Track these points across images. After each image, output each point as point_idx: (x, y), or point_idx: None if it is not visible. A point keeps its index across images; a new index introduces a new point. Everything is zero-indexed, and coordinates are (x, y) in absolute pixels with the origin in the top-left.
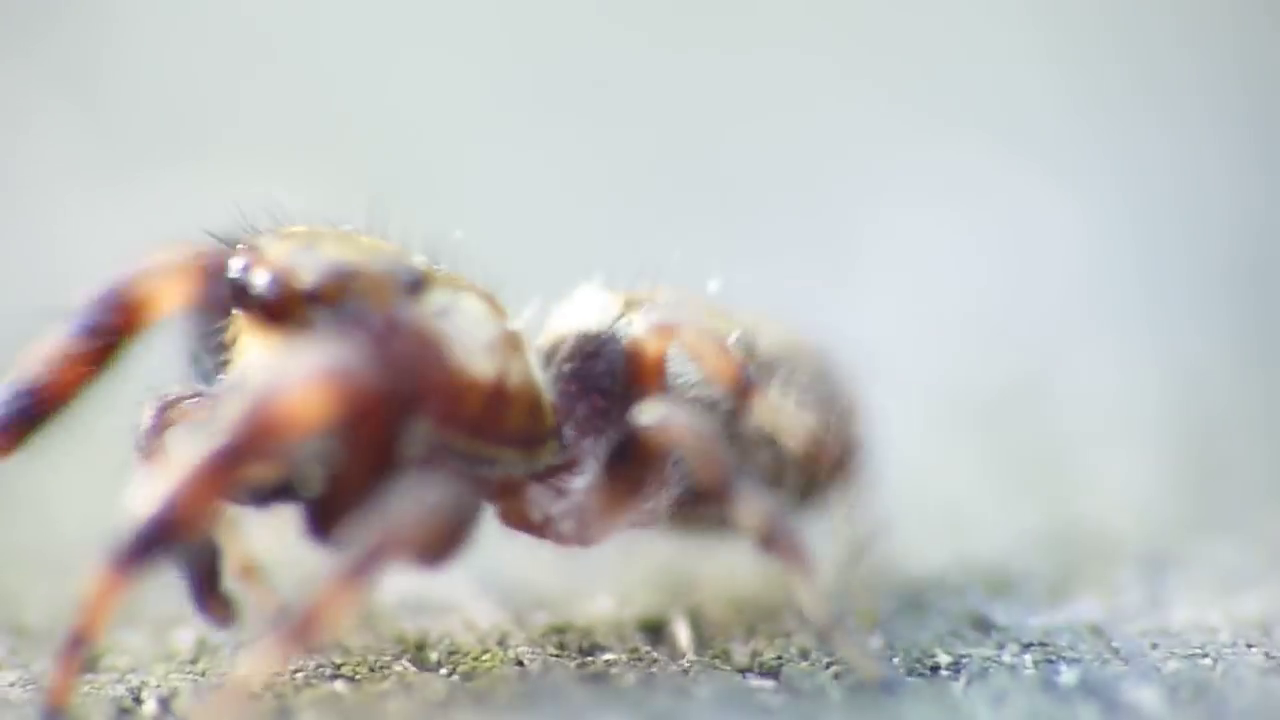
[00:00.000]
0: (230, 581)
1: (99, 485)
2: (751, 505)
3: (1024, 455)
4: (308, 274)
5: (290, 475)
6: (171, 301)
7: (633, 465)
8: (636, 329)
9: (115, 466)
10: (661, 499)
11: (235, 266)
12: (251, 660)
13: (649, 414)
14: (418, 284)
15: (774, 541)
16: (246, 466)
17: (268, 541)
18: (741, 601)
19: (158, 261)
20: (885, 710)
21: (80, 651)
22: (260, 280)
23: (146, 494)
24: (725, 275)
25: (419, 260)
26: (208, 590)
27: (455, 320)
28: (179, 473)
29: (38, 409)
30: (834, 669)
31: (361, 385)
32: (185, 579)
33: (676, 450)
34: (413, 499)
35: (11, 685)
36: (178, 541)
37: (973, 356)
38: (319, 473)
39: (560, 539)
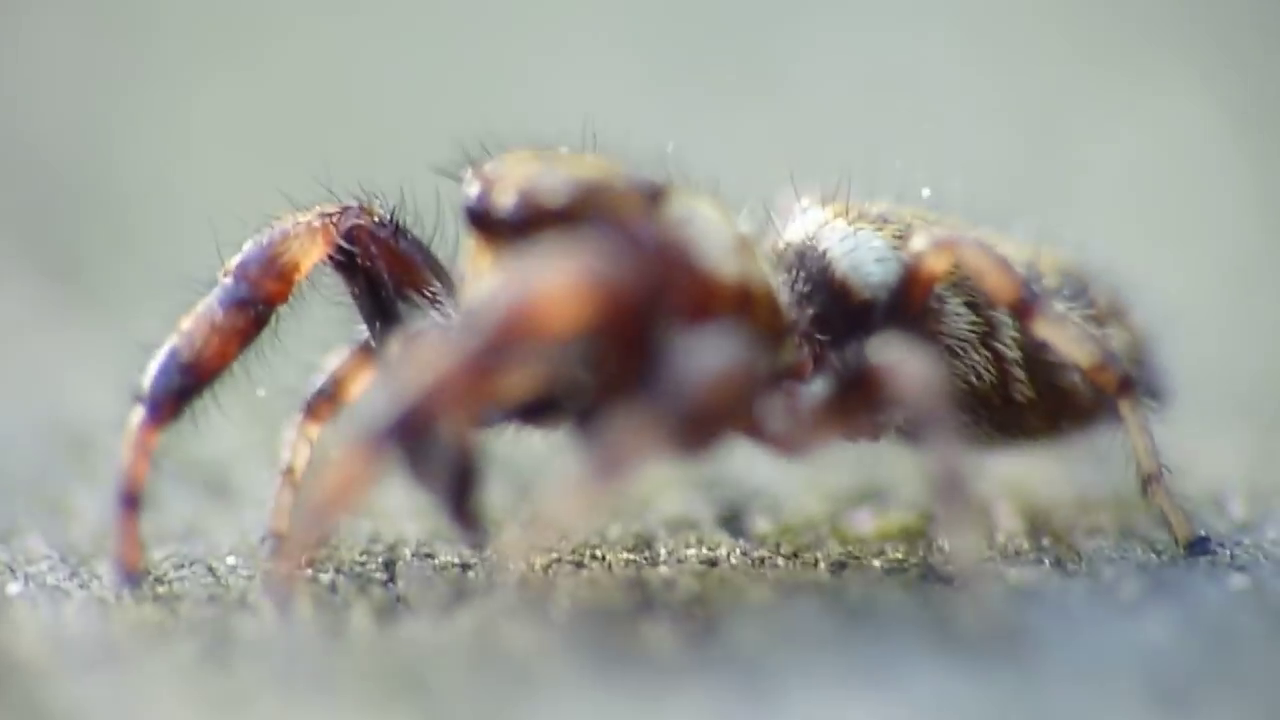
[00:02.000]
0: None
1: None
2: (943, 456)
3: None
4: (555, 191)
5: (548, 389)
6: (313, 263)
7: (859, 391)
8: (916, 245)
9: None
10: (878, 424)
11: (471, 192)
12: (559, 498)
13: (886, 352)
14: (658, 194)
15: (947, 495)
16: (498, 364)
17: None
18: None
19: (293, 225)
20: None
21: (319, 529)
22: (505, 202)
23: (400, 381)
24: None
25: (654, 172)
26: (463, 503)
27: (696, 226)
28: (435, 364)
29: (196, 381)
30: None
31: (614, 286)
32: (441, 489)
33: (900, 390)
34: (698, 356)
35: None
36: (426, 431)
37: None
38: (581, 379)
39: (779, 445)
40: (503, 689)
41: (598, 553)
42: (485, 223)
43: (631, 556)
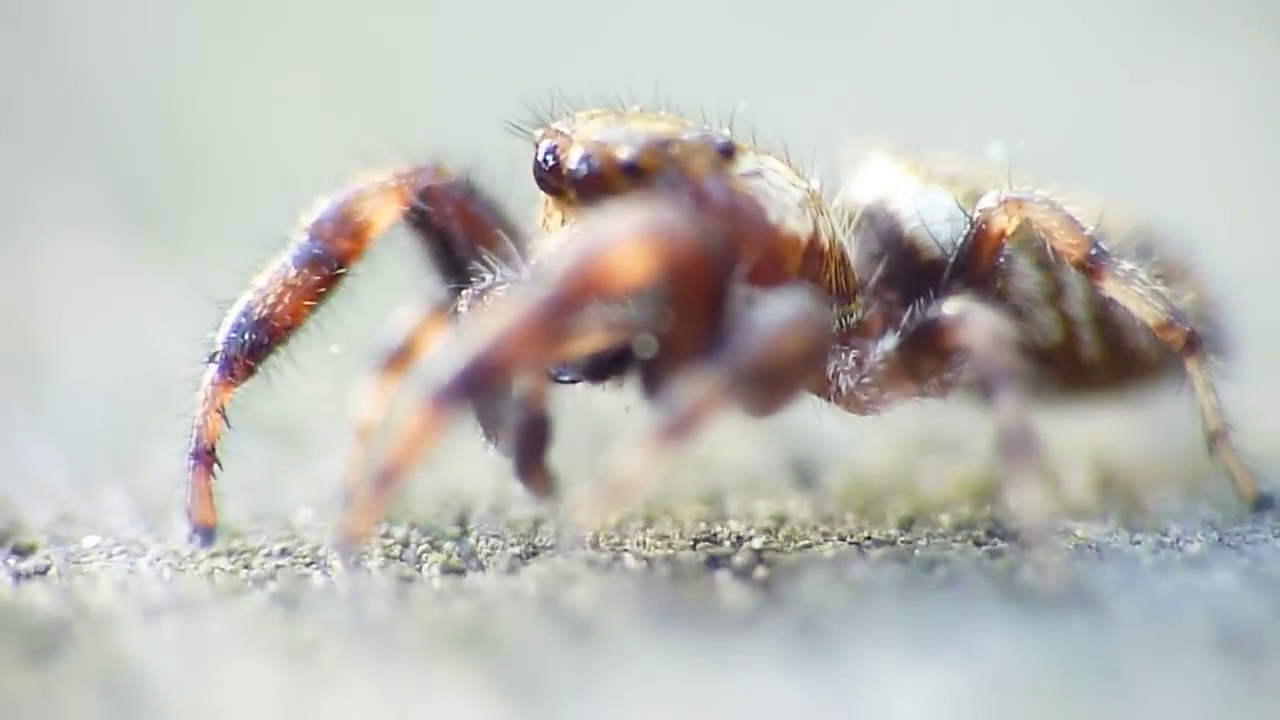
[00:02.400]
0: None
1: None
2: (1009, 411)
3: None
4: (627, 148)
5: (621, 343)
6: (388, 222)
7: (927, 349)
8: (985, 204)
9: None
10: (946, 382)
11: (543, 149)
12: (629, 457)
13: (953, 306)
14: (729, 150)
15: (1013, 449)
16: (568, 318)
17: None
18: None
19: (369, 184)
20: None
21: (390, 486)
22: (576, 158)
23: (471, 338)
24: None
25: (724, 129)
26: (532, 460)
27: (766, 181)
28: (504, 319)
29: (270, 338)
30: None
31: (685, 241)
32: (512, 446)
33: (969, 345)
34: (770, 313)
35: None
36: (497, 387)
37: None
38: (652, 333)
39: (848, 403)
40: (572, 645)
41: (667, 507)
42: (557, 181)
43: (702, 510)
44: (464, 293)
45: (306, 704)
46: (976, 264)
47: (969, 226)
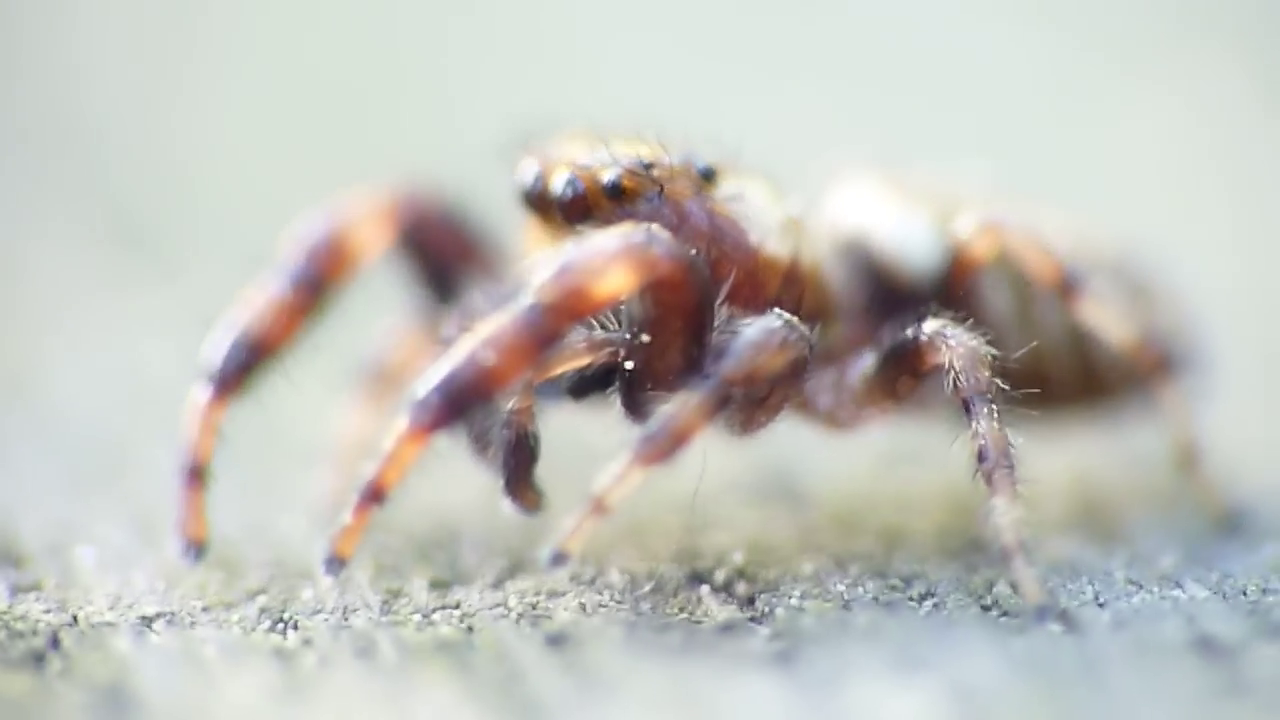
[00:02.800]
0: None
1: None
2: (985, 427)
3: None
4: (610, 170)
5: (603, 363)
6: (377, 245)
7: (905, 367)
8: (961, 228)
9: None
10: (924, 400)
11: (527, 172)
12: (609, 479)
13: (931, 325)
14: (710, 173)
15: (990, 466)
16: (552, 335)
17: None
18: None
19: (359, 207)
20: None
21: (375, 503)
22: (560, 181)
23: (455, 358)
24: None
25: (706, 151)
26: (520, 478)
27: (747, 204)
28: (486, 337)
29: (260, 358)
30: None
31: (666, 261)
32: (500, 464)
33: (947, 365)
34: (751, 331)
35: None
36: (482, 404)
37: None
38: (633, 353)
39: (828, 421)
40: (555, 658)
41: (648, 518)
42: (541, 203)
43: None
44: (450, 313)
45: (296, 716)
46: (953, 285)
47: (946, 248)
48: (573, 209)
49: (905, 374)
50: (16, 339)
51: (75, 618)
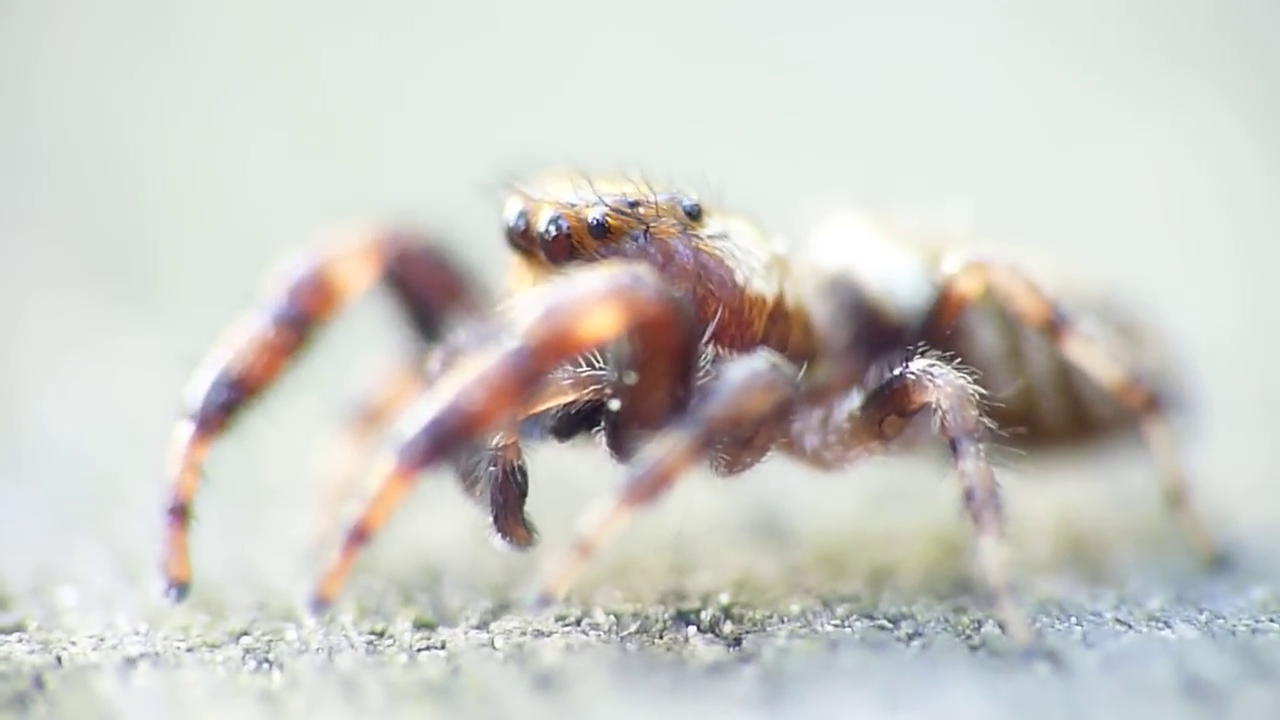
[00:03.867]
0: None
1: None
2: (972, 467)
3: None
4: (595, 209)
5: (588, 402)
6: (361, 283)
7: (892, 407)
8: (947, 267)
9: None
10: (911, 440)
11: (512, 210)
12: (594, 520)
13: (918, 365)
14: (696, 212)
15: (978, 505)
16: (537, 375)
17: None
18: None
19: (343, 245)
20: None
21: (360, 544)
22: (545, 219)
23: (440, 398)
24: None
25: (691, 190)
26: (509, 514)
27: (733, 243)
28: (470, 376)
29: (243, 397)
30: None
31: (652, 301)
32: (488, 500)
33: (934, 404)
34: (737, 372)
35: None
36: (467, 444)
37: None
38: (618, 392)
39: (815, 461)
40: (540, 699)
41: (635, 558)
42: (526, 242)
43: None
44: (435, 351)
45: None
46: (940, 323)
47: (933, 286)
48: (557, 248)
49: (892, 413)
50: (1, 376)
51: (59, 659)
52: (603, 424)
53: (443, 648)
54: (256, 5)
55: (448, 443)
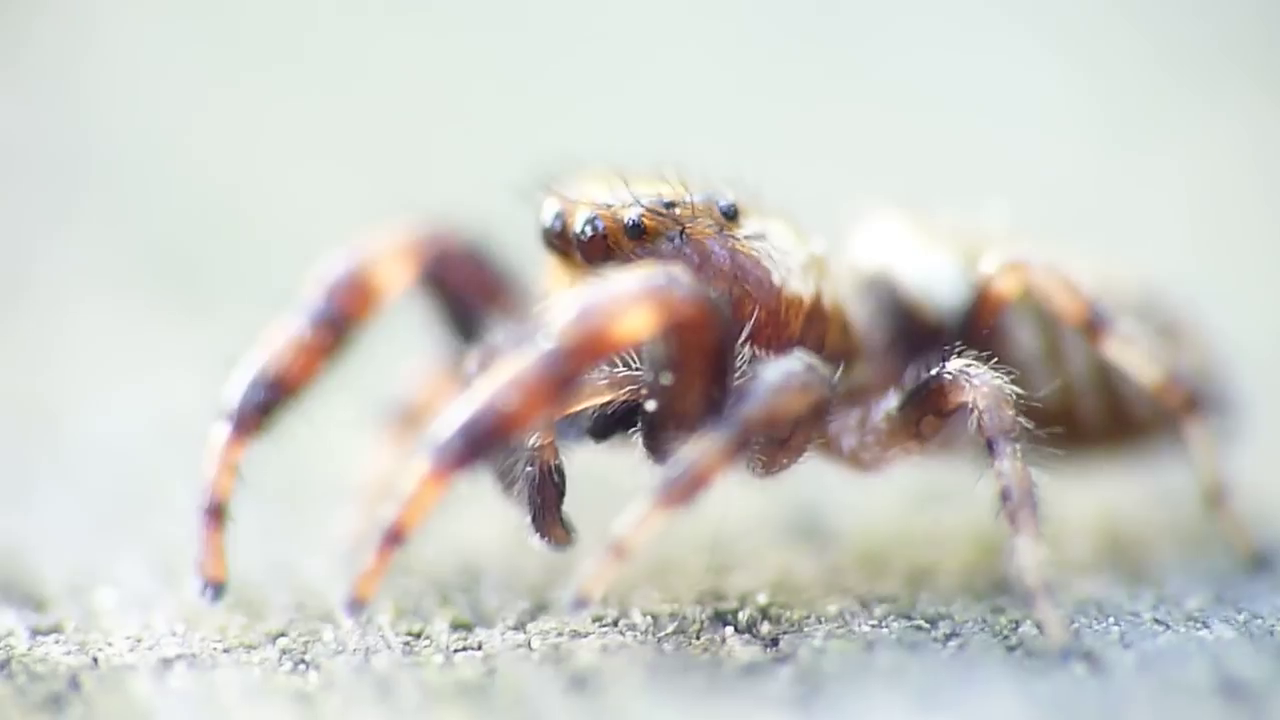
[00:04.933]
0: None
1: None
2: (1008, 467)
3: None
4: (631, 210)
5: (624, 403)
6: (399, 283)
7: (930, 408)
8: (986, 267)
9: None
10: (949, 441)
11: (548, 211)
12: (630, 522)
13: (955, 365)
14: (733, 212)
15: (1014, 505)
16: (572, 376)
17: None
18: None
19: (381, 245)
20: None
21: (395, 546)
22: (582, 221)
23: (477, 399)
24: None
25: (728, 191)
26: (547, 514)
27: (770, 243)
28: (506, 377)
29: (280, 397)
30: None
31: (688, 301)
32: (526, 500)
33: (971, 404)
34: (772, 373)
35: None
36: (502, 445)
37: None
38: (655, 393)
39: (853, 462)
40: (578, 700)
41: (672, 558)
42: (563, 243)
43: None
44: (472, 352)
45: None
46: (978, 323)
47: (971, 286)
48: (593, 249)
49: (929, 413)
50: (45, 375)
51: (95, 660)
52: (639, 424)
53: (479, 648)
54: (303, 6)
55: (482, 444)
